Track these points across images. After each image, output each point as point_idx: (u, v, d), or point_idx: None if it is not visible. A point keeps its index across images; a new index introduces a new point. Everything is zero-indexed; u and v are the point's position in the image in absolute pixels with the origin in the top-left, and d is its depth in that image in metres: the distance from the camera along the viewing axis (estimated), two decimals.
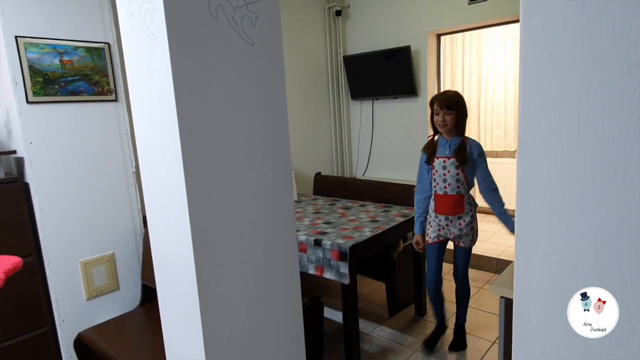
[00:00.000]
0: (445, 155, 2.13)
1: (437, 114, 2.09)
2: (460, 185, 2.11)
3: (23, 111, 1.79)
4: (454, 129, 2.11)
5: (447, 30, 3.56)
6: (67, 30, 1.89)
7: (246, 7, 1.21)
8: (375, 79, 3.79)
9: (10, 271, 1.36)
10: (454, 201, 2.13)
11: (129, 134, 2.12)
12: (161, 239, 1.27)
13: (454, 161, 2.09)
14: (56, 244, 1.92)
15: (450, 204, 2.14)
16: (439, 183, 2.15)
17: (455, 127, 2.10)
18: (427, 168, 2.20)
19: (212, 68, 1.12)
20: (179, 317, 1.26)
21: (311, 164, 3.84)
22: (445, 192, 2.13)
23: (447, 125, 2.07)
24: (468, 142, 2.12)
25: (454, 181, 2.10)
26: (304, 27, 3.77)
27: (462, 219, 2.15)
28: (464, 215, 2.15)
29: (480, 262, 3.49)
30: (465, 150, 2.08)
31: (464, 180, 2.11)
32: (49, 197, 1.88)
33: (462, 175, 2.10)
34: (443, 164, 2.12)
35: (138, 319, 2.09)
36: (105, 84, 2.01)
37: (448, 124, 2.07)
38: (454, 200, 2.13)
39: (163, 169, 1.16)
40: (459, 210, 2.14)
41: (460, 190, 2.12)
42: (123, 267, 2.16)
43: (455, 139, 2.13)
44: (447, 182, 2.12)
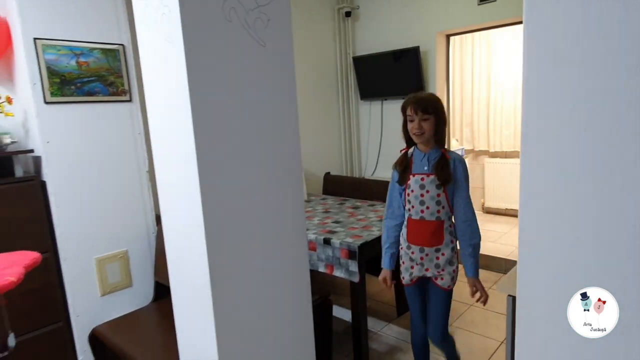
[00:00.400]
0: (422, 172, 1.70)
1: (410, 120, 1.69)
2: (440, 210, 1.69)
3: (41, 111, 1.83)
4: (433, 139, 1.71)
5: (457, 31, 3.56)
6: (84, 32, 1.93)
7: (258, 10, 1.23)
8: (384, 80, 3.81)
9: (29, 266, 1.40)
10: (431, 229, 1.70)
11: (142, 133, 2.16)
12: (175, 237, 1.29)
13: (435, 179, 1.67)
14: (72, 240, 1.96)
15: (427, 232, 1.71)
16: (414, 206, 1.72)
17: (433, 136, 1.70)
18: (399, 189, 1.79)
19: (225, 70, 1.15)
20: (192, 313, 1.29)
21: (320, 164, 3.86)
22: (422, 217, 1.71)
23: (425, 134, 1.66)
24: (450, 156, 1.69)
25: (433, 204, 1.68)
26: (313, 29, 3.79)
27: (441, 252, 1.72)
28: (443, 247, 1.72)
29: (488, 263, 3.49)
30: (449, 165, 1.67)
31: (446, 204, 1.70)
32: (65, 195, 1.93)
33: (444, 197, 1.69)
34: (420, 182, 1.70)
35: (151, 315, 2.13)
36: (119, 85, 2.05)
37: (425, 131, 1.66)
38: (431, 227, 1.70)
39: (177, 169, 1.19)
40: (437, 240, 1.71)
41: (440, 216, 1.70)
42: (136, 264, 2.20)
43: (434, 151, 1.71)
44: (424, 205, 1.70)
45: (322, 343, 1.99)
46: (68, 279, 1.97)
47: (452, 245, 1.74)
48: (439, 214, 1.70)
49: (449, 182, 1.67)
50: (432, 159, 1.70)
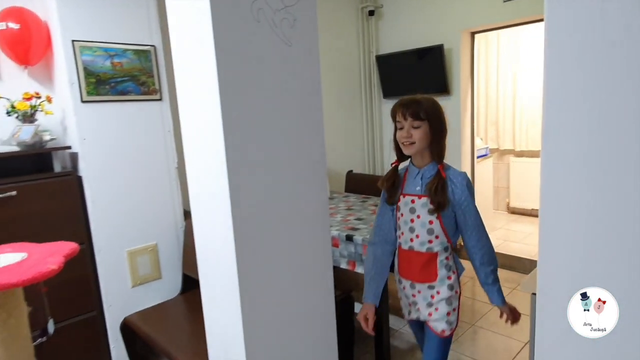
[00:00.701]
0: (414, 193, 1.42)
1: (400, 127, 1.39)
2: (433, 240, 1.41)
3: (78, 110, 1.93)
4: (428, 152, 1.40)
5: (482, 28, 3.52)
6: (117, 34, 2.02)
7: (285, 10, 1.26)
8: (407, 78, 3.80)
9: (69, 255, 1.48)
10: (421, 262, 1.43)
11: (171, 131, 2.24)
12: (204, 232, 1.33)
13: (427, 202, 1.39)
14: (105, 233, 2.06)
15: (417, 265, 1.45)
16: (403, 232, 1.46)
17: (429, 148, 1.39)
18: (390, 209, 1.50)
19: (253, 69, 1.17)
20: (220, 305, 1.33)
21: (343, 162, 3.88)
22: (411, 246, 1.44)
23: (416, 145, 1.36)
24: (446, 175, 1.37)
25: (424, 232, 1.41)
26: (337, 28, 3.82)
27: (435, 289, 1.44)
28: (437, 285, 1.44)
29: (513, 263, 3.44)
30: (445, 187, 1.36)
31: (441, 232, 1.40)
32: (99, 189, 2.02)
33: (438, 225, 1.39)
34: (411, 204, 1.42)
35: (179, 306, 2.21)
36: (151, 84, 2.13)
37: (416, 141, 1.35)
38: (422, 260, 1.43)
39: (207, 165, 1.23)
40: (429, 276, 1.43)
41: (433, 247, 1.41)
42: (165, 257, 2.28)
43: (431, 167, 1.40)
44: (413, 233, 1.43)
45: (344, 338, 2.02)
46: (102, 270, 2.07)
47: (449, 283, 1.43)
48: (430, 245, 1.41)
49: (444, 207, 1.36)
50: (426, 177, 1.40)
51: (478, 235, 1.42)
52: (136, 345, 2.13)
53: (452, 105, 3.62)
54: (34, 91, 1.94)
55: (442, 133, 1.39)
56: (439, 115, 1.39)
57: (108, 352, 2.14)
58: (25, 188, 1.83)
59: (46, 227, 1.88)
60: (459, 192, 1.37)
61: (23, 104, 1.87)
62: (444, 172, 1.37)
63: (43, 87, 2.08)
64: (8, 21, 1.84)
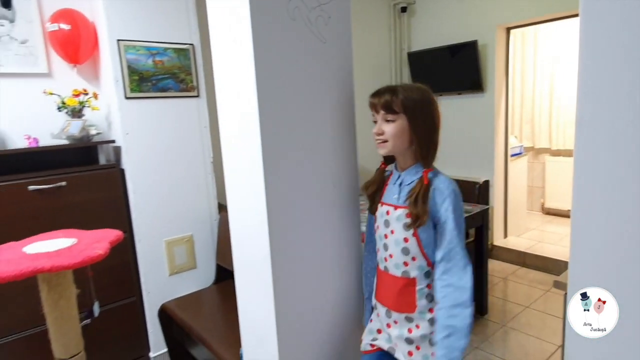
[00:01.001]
0: (390, 202, 1.18)
1: (374, 122, 1.17)
2: (409, 262, 1.14)
3: (122, 106, 2.04)
4: (409, 153, 1.15)
5: (518, 24, 3.44)
6: (159, 33, 2.12)
7: (320, 8, 1.29)
8: (439, 75, 3.76)
9: (113, 242, 1.58)
10: (397, 288, 1.17)
11: (207, 127, 2.33)
12: (240, 224, 1.37)
13: (402, 214, 1.13)
14: (145, 223, 2.16)
15: (392, 291, 1.19)
16: (379, 249, 1.23)
17: (410, 149, 1.14)
18: (372, 218, 1.29)
19: (288, 66, 1.20)
20: (253, 295, 1.37)
21: (373, 160, 3.89)
22: (386, 267, 1.20)
23: (389, 143, 1.12)
24: (430, 182, 1.10)
25: (398, 252, 1.15)
26: (369, 25, 3.83)
27: (415, 323, 1.15)
28: (416, 318, 1.15)
29: (547, 265, 3.35)
30: (427, 197, 1.09)
31: (419, 254, 1.13)
32: (140, 181, 2.13)
33: (415, 244, 1.12)
34: (386, 216, 1.18)
35: (213, 295, 2.29)
36: (189, 82, 2.22)
37: (389, 139, 1.12)
38: (397, 285, 1.17)
39: (244, 160, 1.27)
40: (406, 305, 1.16)
41: (409, 271, 1.14)
42: (200, 248, 2.37)
43: (412, 171, 1.15)
44: (387, 251, 1.18)
45: None
46: (141, 259, 2.17)
47: (431, 316, 1.14)
48: (406, 268, 1.14)
49: (423, 222, 1.08)
50: (405, 184, 1.15)
51: (448, 263, 1.07)
52: (172, 331, 2.22)
53: (486, 102, 3.56)
54: (82, 88, 2.06)
55: (428, 129, 1.11)
56: (423, 107, 1.10)
57: (146, 336, 2.25)
58: (73, 179, 1.96)
59: (91, 216, 2.00)
60: (439, 202, 1.09)
61: (72, 100, 1.99)
62: (427, 179, 1.10)
63: (90, 84, 2.20)
64: (60, 22, 1.97)
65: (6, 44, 1.95)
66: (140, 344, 2.24)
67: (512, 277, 3.28)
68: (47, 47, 2.05)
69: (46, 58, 2.06)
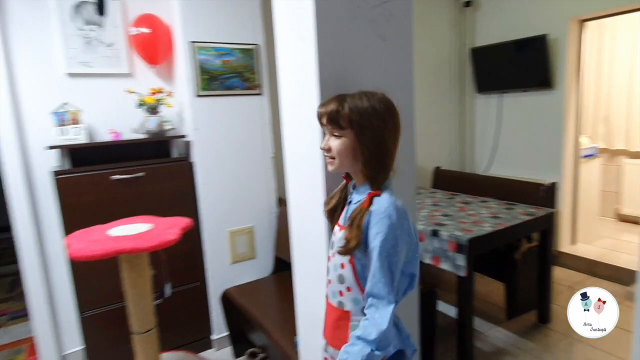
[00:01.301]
0: (341, 222, 1.08)
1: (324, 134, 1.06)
2: (344, 291, 1.03)
3: (193, 103, 2.19)
4: (360, 171, 1.01)
5: (594, 15, 3.21)
6: (227, 34, 2.25)
7: (382, 7, 1.30)
8: (504, 71, 3.61)
9: (184, 229, 1.71)
10: (332, 318, 1.08)
11: (269, 123, 2.43)
12: (300, 218, 1.43)
13: (343, 236, 1.02)
14: (211, 213, 2.31)
15: (329, 320, 1.09)
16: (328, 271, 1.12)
17: (358, 167, 1.01)
18: None
19: (350, 65, 1.23)
20: (310, 287, 1.42)
21: (430, 158, 3.83)
22: (327, 294, 1.11)
23: (336, 161, 1.01)
24: (370, 204, 0.97)
25: (335, 278, 1.06)
26: (430, 20, 3.76)
27: None
28: None
29: (620, 275, 3.11)
30: (363, 219, 0.97)
31: (354, 284, 1.02)
32: (208, 174, 2.28)
33: (350, 272, 1.01)
34: (332, 236, 1.10)
35: (270, 285, 2.40)
36: (253, 80, 2.34)
37: (336, 156, 1.01)
38: (333, 316, 1.08)
39: (305, 156, 1.31)
40: (340, 341, 1.02)
41: (344, 303, 1.04)
42: (259, 239, 2.49)
43: (361, 190, 1.03)
44: (328, 276, 1.10)
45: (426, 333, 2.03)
46: (207, 246, 2.33)
47: None
48: (341, 298, 1.04)
49: (349, 248, 0.97)
50: (353, 203, 1.04)
51: (374, 299, 0.94)
52: (233, 315, 2.36)
53: (554, 100, 3.37)
54: (159, 87, 2.25)
55: (379, 147, 0.97)
56: (372, 121, 0.96)
57: (209, 318, 2.41)
58: (151, 170, 2.14)
59: (164, 204, 2.18)
60: (371, 226, 0.95)
61: (150, 98, 2.17)
62: (366, 203, 0.97)
63: (165, 83, 2.39)
64: (141, 27, 2.16)
65: (96, 47, 2.17)
66: (203, 326, 2.40)
67: (579, 286, 3.09)
68: (129, 50, 2.26)
69: (128, 59, 2.26)
